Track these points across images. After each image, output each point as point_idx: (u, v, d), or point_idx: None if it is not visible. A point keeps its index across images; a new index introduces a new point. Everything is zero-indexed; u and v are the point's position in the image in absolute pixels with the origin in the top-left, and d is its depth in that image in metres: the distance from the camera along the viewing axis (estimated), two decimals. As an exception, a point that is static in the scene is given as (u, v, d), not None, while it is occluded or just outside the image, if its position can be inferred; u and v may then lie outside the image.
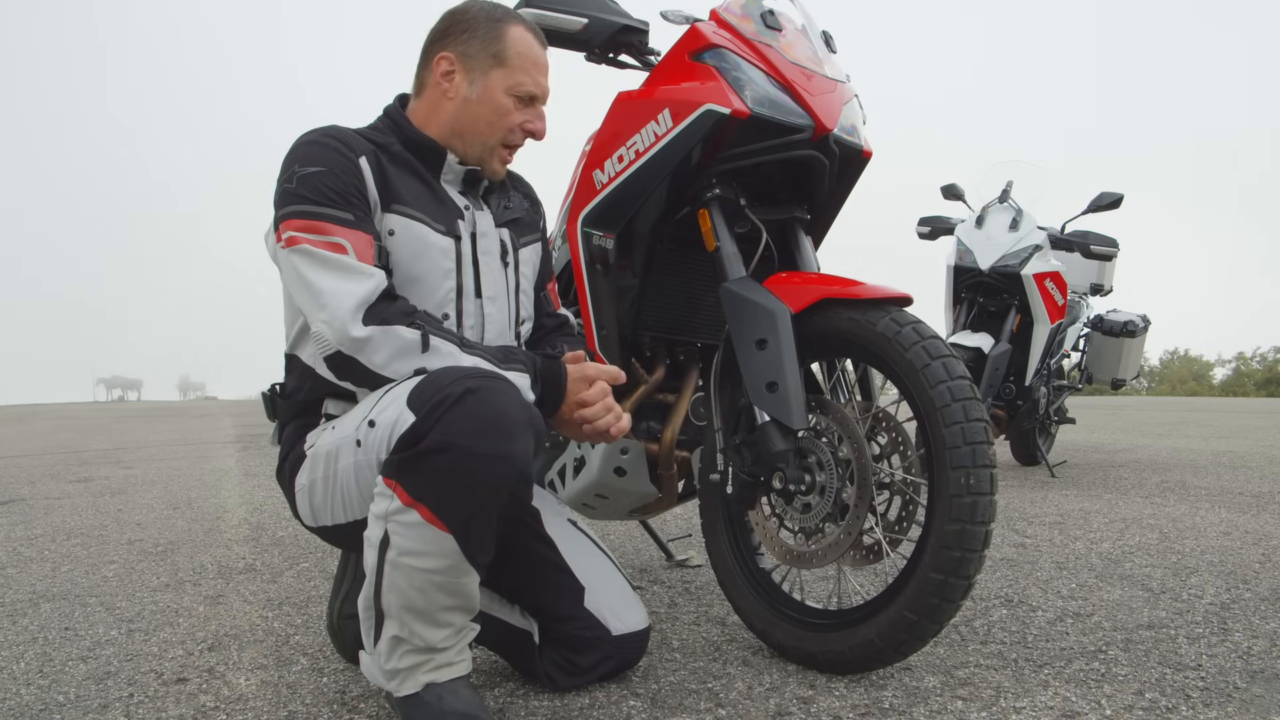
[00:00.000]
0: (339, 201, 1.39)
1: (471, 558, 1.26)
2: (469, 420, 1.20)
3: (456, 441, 1.19)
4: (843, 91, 1.83)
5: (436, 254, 1.49)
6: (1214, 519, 3.22)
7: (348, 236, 1.37)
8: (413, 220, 1.47)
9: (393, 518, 1.23)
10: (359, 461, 1.33)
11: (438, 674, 1.33)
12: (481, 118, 1.54)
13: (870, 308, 1.58)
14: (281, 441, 1.55)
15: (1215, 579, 2.30)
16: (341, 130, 1.48)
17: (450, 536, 1.23)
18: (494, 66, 1.53)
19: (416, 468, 1.22)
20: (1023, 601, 2.10)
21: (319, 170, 1.40)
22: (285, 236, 1.38)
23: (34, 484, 5.02)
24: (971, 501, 1.41)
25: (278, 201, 1.42)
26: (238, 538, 3.17)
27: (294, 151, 1.44)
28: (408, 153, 1.53)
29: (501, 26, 1.54)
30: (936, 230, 4.80)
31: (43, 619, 2.13)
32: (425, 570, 1.25)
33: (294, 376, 1.55)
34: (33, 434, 10.71)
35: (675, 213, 1.85)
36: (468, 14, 1.54)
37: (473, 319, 1.55)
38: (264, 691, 1.60)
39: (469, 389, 1.22)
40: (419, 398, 1.23)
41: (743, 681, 1.59)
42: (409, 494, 1.22)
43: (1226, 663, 1.65)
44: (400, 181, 1.49)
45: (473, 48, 1.53)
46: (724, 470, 1.73)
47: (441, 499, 1.21)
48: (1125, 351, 5.20)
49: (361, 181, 1.43)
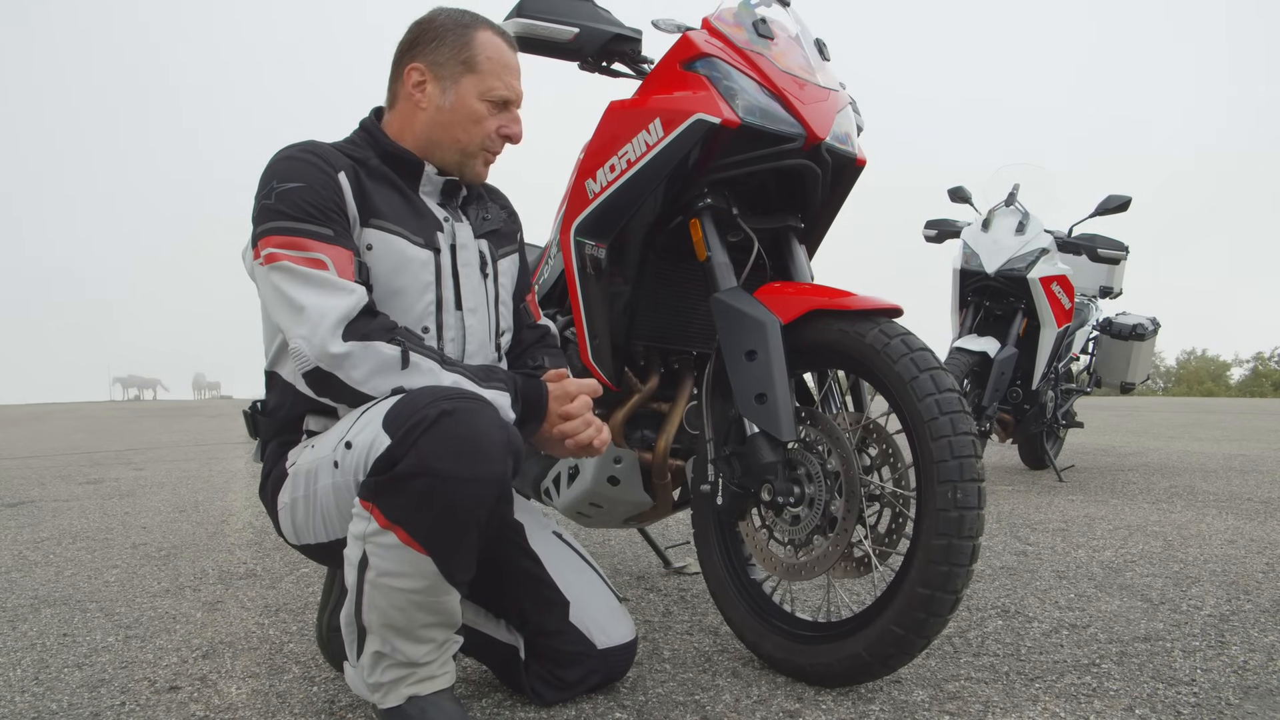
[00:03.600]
0: (318, 217, 1.38)
1: (450, 577, 1.26)
2: (445, 443, 1.19)
3: (433, 465, 1.19)
4: (836, 100, 1.81)
5: (416, 267, 1.48)
6: (1220, 526, 3.19)
7: (328, 252, 1.36)
8: (391, 234, 1.46)
9: (370, 539, 1.23)
10: (337, 483, 1.32)
11: (420, 687, 1.33)
12: (456, 125, 1.54)
13: (860, 319, 1.57)
14: (264, 459, 1.54)
15: (1216, 589, 2.28)
16: (319, 145, 1.47)
17: (428, 558, 1.23)
18: (465, 73, 1.52)
19: (393, 491, 1.21)
20: (1019, 612, 2.09)
21: (298, 186, 1.38)
22: (265, 253, 1.37)
23: (45, 485, 5.07)
24: (958, 516, 1.40)
25: (256, 218, 1.41)
26: (241, 541, 3.19)
27: (272, 167, 1.42)
28: (385, 166, 1.52)
29: (470, 32, 1.53)
30: (943, 233, 4.77)
31: (42, 624, 2.15)
32: (404, 590, 1.25)
33: (275, 393, 1.54)
34: (49, 433, 10.82)
35: (668, 222, 1.84)
36: (435, 23, 1.54)
37: (454, 331, 1.54)
38: (254, 701, 1.60)
39: (444, 411, 1.21)
40: (395, 420, 1.23)
41: (730, 694, 1.59)
42: (386, 516, 1.21)
43: (1221, 677, 1.63)
44: (378, 195, 1.48)
45: (442, 56, 1.52)
46: (714, 481, 1.72)
47: (418, 522, 1.21)
48: (1134, 355, 5.15)
49: (340, 197, 1.42)
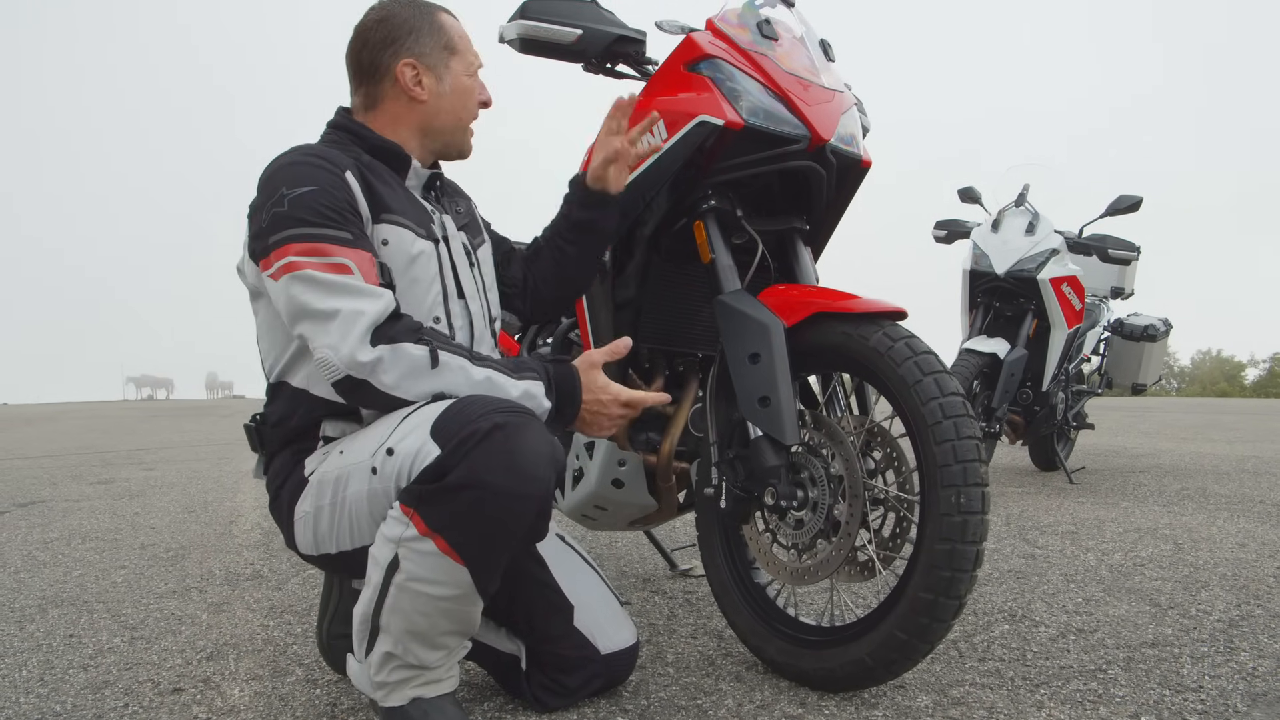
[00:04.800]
0: (336, 220, 1.34)
1: (483, 589, 1.27)
2: (496, 457, 1.19)
3: (484, 479, 1.18)
4: (840, 101, 1.80)
5: (424, 259, 1.48)
6: (1231, 529, 3.16)
7: (351, 256, 1.33)
8: (402, 228, 1.45)
9: (406, 543, 1.23)
10: (374, 489, 1.29)
11: (425, 690, 1.33)
12: (458, 106, 1.57)
13: (864, 322, 1.56)
14: (270, 471, 1.49)
15: (1226, 594, 2.25)
16: (319, 148, 1.45)
17: (464, 569, 1.23)
18: (450, 56, 1.55)
19: (440, 501, 1.21)
20: (1026, 616, 2.07)
21: (311, 190, 1.34)
22: (284, 262, 1.32)
23: (56, 485, 5.10)
24: (962, 520, 1.39)
25: (269, 227, 1.34)
26: (249, 542, 3.20)
27: (277, 174, 1.38)
28: (377, 161, 1.50)
29: (435, 17, 1.55)
30: (953, 234, 4.74)
31: (49, 625, 2.16)
32: (435, 597, 1.25)
33: (283, 403, 1.49)
34: (62, 433, 10.90)
35: (672, 224, 1.83)
36: (399, 17, 1.52)
37: (460, 320, 1.53)
38: (256, 703, 1.61)
39: (497, 425, 1.20)
40: (445, 430, 1.22)
41: (733, 698, 1.58)
42: (427, 524, 1.21)
43: (1229, 684, 1.61)
44: (383, 190, 1.46)
45: (426, 46, 1.52)
46: (718, 485, 1.71)
47: (462, 533, 1.21)
48: (1146, 356, 5.11)
49: (352, 197, 1.39)
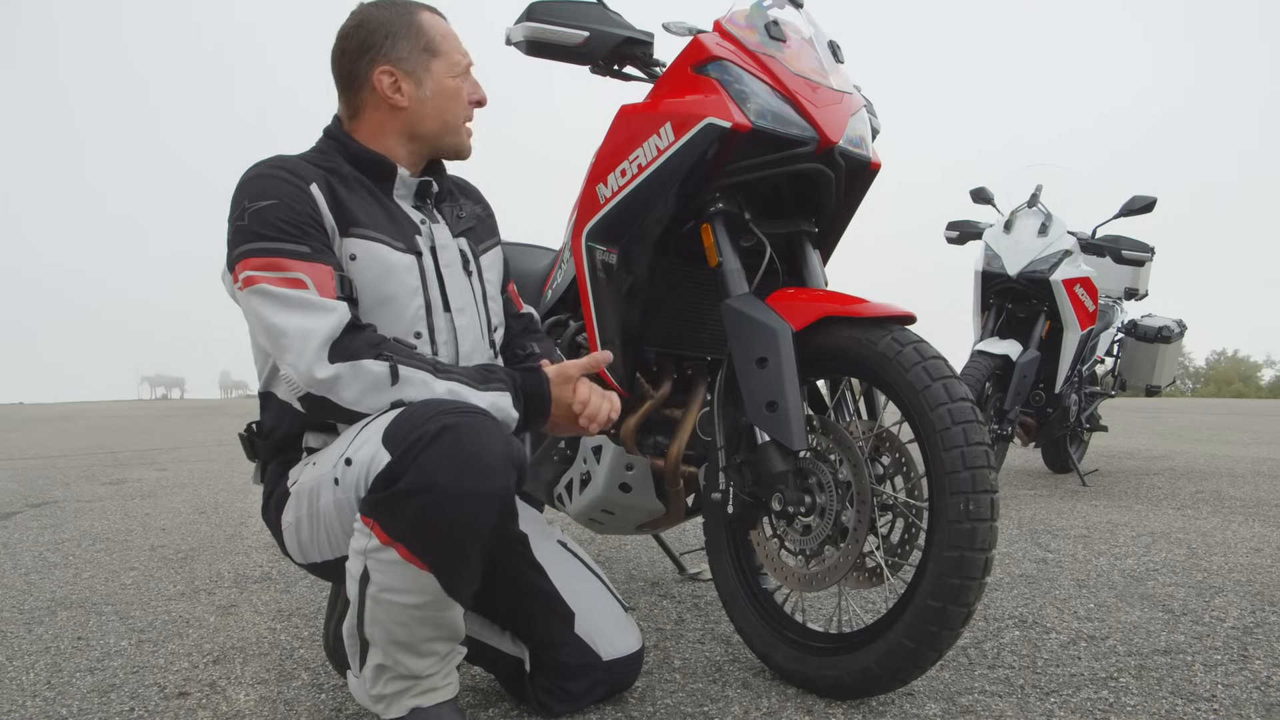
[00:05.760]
0: (294, 234, 1.34)
1: (453, 592, 1.26)
2: (446, 459, 1.18)
3: (435, 482, 1.18)
4: (849, 103, 1.79)
5: (401, 273, 1.45)
6: (1246, 533, 3.13)
7: (307, 271, 1.32)
8: (373, 241, 1.43)
9: (371, 555, 1.23)
10: (339, 499, 1.30)
11: (423, 699, 1.33)
12: (442, 109, 1.53)
13: (872, 326, 1.55)
14: (264, 480, 1.53)
15: (1240, 600, 2.23)
16: (287, 159, 1.44)
17: (430, 575, 1.22)
18: (431, 59, 1.51)
19: (394, 508, 1.20)
20: (1037, 622, 2.05)
21: (270, 203, 1.34)
22: (243, 277, 1.33)
23: (68, 485, 5.13)
24: (971, 528, 1.37)
25: (231, 240, 1.37)
26: (258, 544, 3.21)
27: (242, 187, 1.38)
28: (358, 172, 1.49)
29: (414, 18, 1.51)
30: (965, 235, 4.70)
31: (58, 627, 2.16)
32: (406, 605, 1.24)
33: (271, 413, 1.51)
34: (76, 433, 10.97)
35: (679, 227, 1.82)
36: (375, 21, 1.49)
37: (445, 334, 1.51)
38: (261, 708, 1.60)
39: (445, 426, 1.19)
40: (394, 436, 1.21)
41: (740, 705, 1.57)
42: (387, 533, 1.20)
43: (1242, 693, 1.59)
44: (354, 203, 1.44)
45: (403, 50, 1.49)
46: (725, 490, 1.70)
47: (420, 539, 1.20)
48: (1160, 357, 5.07)
49: (316, 209, 1.38)
